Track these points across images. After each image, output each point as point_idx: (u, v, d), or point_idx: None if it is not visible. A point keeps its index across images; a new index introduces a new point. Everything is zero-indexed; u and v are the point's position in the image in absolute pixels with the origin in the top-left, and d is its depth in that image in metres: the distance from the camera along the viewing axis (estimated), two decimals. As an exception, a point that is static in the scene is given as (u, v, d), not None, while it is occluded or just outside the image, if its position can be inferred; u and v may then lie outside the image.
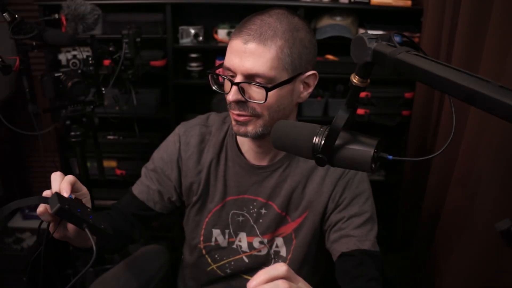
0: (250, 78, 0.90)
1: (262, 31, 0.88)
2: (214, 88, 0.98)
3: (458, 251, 1.28)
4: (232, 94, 0.91)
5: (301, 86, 0.97)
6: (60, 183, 0.77)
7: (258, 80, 0.90)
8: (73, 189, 0.78)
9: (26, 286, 1.71)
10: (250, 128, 0.96)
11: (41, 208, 0.75)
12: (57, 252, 1.90)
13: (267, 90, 0.89)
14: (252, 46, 0.88)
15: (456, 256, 1.29)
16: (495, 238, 1.07)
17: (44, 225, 0.78)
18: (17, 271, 1.80)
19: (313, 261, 1.13)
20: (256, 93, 0.92)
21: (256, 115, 0.94)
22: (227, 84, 0.94)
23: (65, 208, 0.70)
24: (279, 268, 0.60)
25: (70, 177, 0.78)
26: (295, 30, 0.91)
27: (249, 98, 0.92)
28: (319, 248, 1.11)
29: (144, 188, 1.12)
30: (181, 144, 1.10)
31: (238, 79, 0.90)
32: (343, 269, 0.97)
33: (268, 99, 0.90)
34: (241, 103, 0.93)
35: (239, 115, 0.94)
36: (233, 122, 0.97)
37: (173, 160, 1.10)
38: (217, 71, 0.97)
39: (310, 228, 1.07)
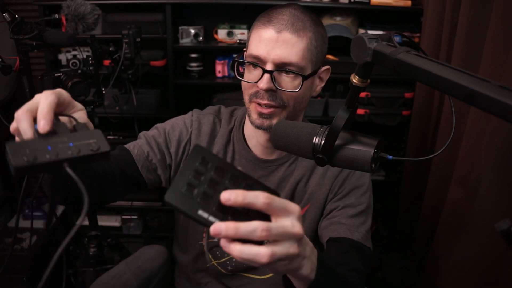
0: (281, 67, 0.91)
1: (293, 22, 0.90)
2: (238, 78, 0.97)
3: (458, 250, 1.28)
4: (264, 82, 0.90)
5: (317, 80, 1.00)
6: (38, 109, 0.57)
7: (290, 69, 0.91)
8: (60, 107, 0.60)
9: (26, 286, 1.71)
10: (274, 121, 0.95)
11: None
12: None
13: (304, 78, 0.91)
14: (286, 35, 0.89)
15: (456, 255, 1.29)
16: (495, 238, 1.07)
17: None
18: (17, 271, 1.80)
19: None
20: (286, 82, 0.92)
21: (283, 106, 0.94)
22: (255, 73, 0.93)
23: (24, 163, 0.49)
24: (293, 224, 0.52)
25: (49, 98, 0.57)
26: (317, 25, 0.94)
27: (279, 87, 0.92)
28: (320, 245, 1.10)
29: (143, 152, 1.04)
30: (193, 129, 1.08)
31: (269, 67, 0.91)
32: (327, 256, 0.94)
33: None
34: (271, 92, 0.92)
35: (266, 105, 0.94)
36: (255, 116, 0.96)
37: (182, 141, 1.07)
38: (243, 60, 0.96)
39: (311, 222, 1.06)
